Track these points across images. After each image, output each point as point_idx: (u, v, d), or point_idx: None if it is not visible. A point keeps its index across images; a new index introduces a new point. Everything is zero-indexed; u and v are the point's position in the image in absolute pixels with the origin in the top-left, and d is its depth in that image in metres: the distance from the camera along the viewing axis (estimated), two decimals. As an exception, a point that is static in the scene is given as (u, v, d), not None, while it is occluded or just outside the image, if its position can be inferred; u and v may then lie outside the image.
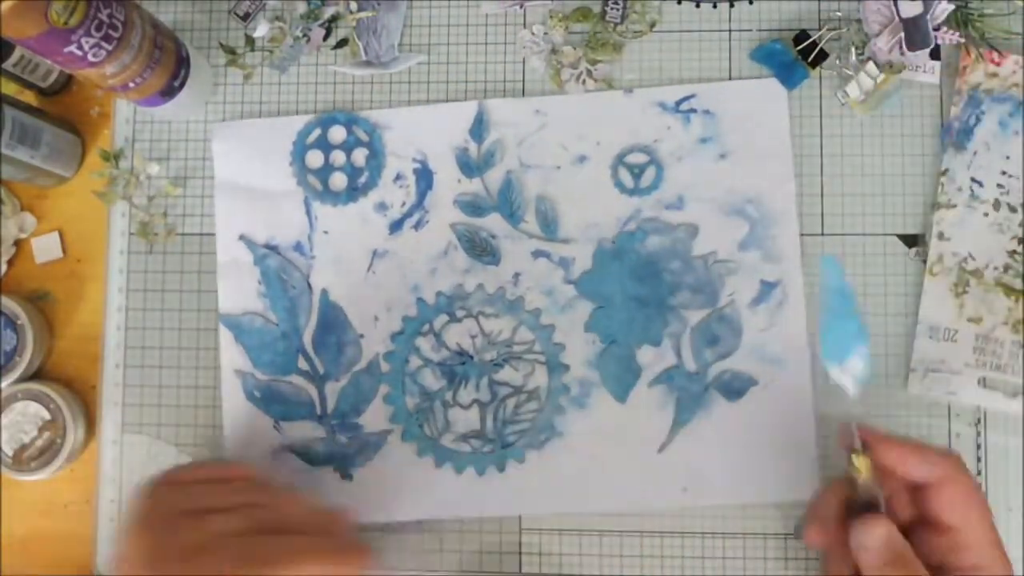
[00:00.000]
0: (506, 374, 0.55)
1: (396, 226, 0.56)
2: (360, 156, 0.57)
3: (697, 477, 0.53)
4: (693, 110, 0.55)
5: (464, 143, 0.56)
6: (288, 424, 0.56)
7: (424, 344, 0.56)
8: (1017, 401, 0.52)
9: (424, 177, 0.56)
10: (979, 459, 0.53)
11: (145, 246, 0.58)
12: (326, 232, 0.57)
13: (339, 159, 0.57)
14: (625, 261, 0.55)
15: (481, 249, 0.56)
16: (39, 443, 0.55)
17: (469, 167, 0.56)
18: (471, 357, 0.55)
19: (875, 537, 0.44)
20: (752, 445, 0.53)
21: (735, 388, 0.54)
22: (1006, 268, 0.53)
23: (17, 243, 0.58)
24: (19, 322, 0.56)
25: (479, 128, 0.56)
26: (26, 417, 0.55)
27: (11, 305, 0.56)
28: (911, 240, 0.54)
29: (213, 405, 0.56)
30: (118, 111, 0.59)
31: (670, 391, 0.54)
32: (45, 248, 0.58)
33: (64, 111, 0.59)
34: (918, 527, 0.46)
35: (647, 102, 0.56)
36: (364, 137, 0.57)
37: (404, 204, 0.56)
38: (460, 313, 0.56)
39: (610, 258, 0.55)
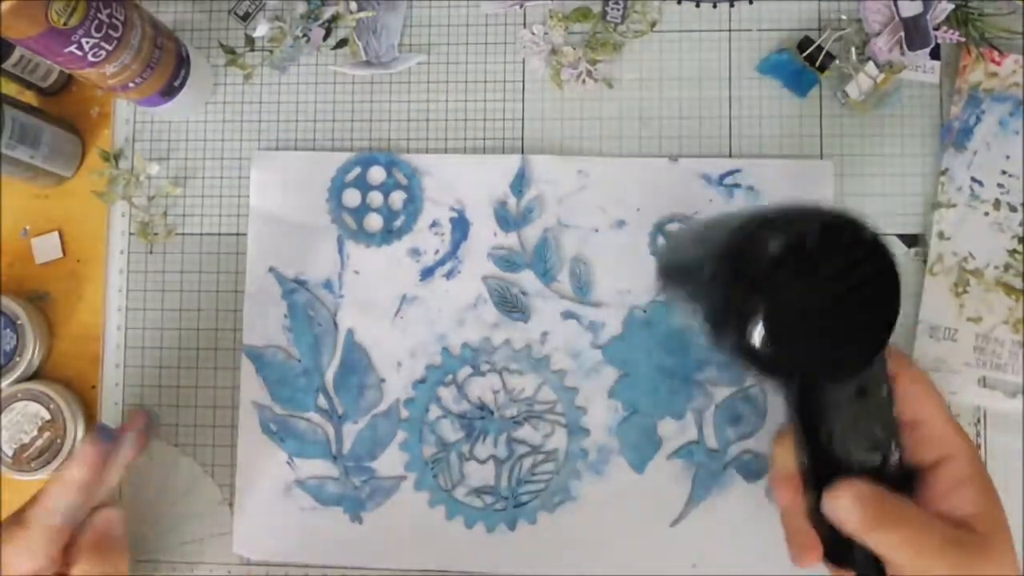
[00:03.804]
0: (525, 432, 0.54)
1: (428, 273, 0.56)
2: (398, 199, 0.56)
3: (709, 554, 0.53)
4: (737, 185, 0.54)
5: (504, 196, 0.55)
6: (302, 460, 0.55)
7: (446, 394, 0.55)
8: (1017, 401, 0.52)
9: (460, 226, 0.56)
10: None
11: (145, 246, 0.58)
12: (357, 272, 0.56)
13: (376, 200, 0.56)
14: (655, 331, 0.54)
15: (511, 305, 0.55)
16: (39, 443, 0.55)
17: (507, 221, 0.56)
18: (492, 412, 0.55)
19: (850, 505, 0.39)
20: (767, 526, 0.51)
21: (754, 469, 0.53)
22: (1006, 268, 0.53)
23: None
24: (19, 322, 0.56)
25: (520, 183, 0.55)
26: (26, 417, 0.55)
27: (11, 305, 0.56)
28: (911, 240, 0.54)
29: (213, 405, 0.56)
30: (118, 111, 0.59)
31: (688, 466, 0.53)
32: (45, 248, 0.58)
33: (64, 111, 0.59)
34: None
35: (691, 173, 0.55)
36: (403, 180, 0.56)
37: (438, 252, 0.56)
38: (484, 367, 0.55)
39: (640, 326, 0.54)
